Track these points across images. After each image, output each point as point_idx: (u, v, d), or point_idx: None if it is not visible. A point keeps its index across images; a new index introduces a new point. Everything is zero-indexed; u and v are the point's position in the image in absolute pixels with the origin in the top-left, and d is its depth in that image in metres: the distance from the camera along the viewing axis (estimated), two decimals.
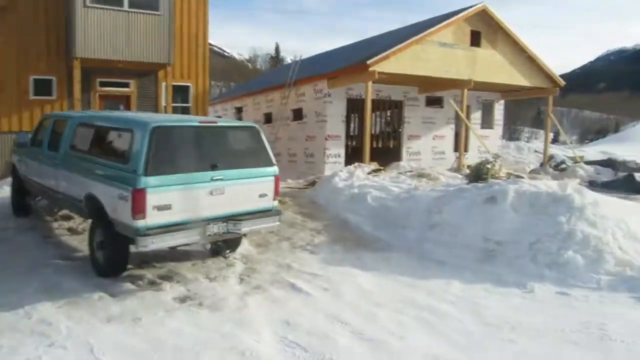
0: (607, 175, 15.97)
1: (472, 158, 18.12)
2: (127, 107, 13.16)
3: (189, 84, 13.76)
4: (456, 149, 17.64)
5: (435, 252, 6.73)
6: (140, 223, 4.85)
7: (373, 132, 19.68)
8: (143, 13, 11.48)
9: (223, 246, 5.97)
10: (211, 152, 5.43)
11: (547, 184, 7.27)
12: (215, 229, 5.37)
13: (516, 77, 17.17)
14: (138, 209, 4.82)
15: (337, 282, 5.68)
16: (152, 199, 4.87)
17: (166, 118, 5.77)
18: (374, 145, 19.42)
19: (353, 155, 16.59)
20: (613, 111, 76.05)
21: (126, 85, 13.08)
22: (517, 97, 21.17)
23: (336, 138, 15.73)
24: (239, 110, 22.01)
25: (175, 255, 6.25)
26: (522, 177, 13.61)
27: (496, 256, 6.22)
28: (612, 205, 7.07)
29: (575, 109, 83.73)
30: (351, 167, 12.60)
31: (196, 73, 13.73)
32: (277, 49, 66.93)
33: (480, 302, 5.18)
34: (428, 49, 14.78)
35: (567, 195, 6.62)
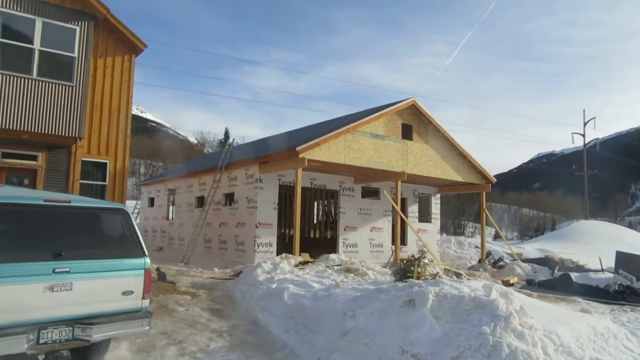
0: (544, 273, 15.72)
1: (410, 252, 17.53)
2: (32, 182, 11.84)
3: (106, 161, 12.69)
4: (394, 241, 17.08)
5: None
6: None
7: (311, 221, 18.96)
8: (54, 82, 10.63)
9: (72, 358, 4.69)
10: (57, 238, 4.37)
11: (472, 286, 6.53)
12: (54, 335, 4.17)
13: (449, 172, 17.24)
14: None
15: None
16: None
17: (2, 193, 4.69)
18: (311, 235, 18.61)
19: (287, 245, 15.64)
20: (548, 209, 79.65)
21: (34, 158, 11.84)
22: (452, 192, 21.31)
23: (267, 226, 14.83)
24: (172, 192, 20.91)
25: None
26: (460, 274, 13.05)
27: None
28: (541, 312, 6.37)
29: (515, 206, 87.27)
30: (277, 259, 11.63)
31: (115, 150, 12.74)
32: (226, 134, 67.58)
33: None
34: (360, 139, 14.62)
35: (491, 301, 5.87)
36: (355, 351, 5.86)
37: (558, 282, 14.01)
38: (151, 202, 22.74)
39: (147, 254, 4.93)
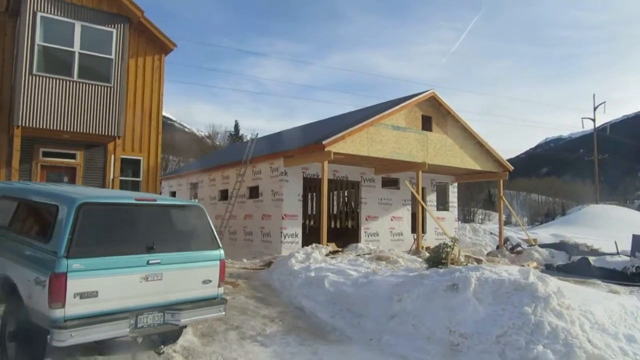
0: (561, 258, 16.12)
1: (429, 240, 18.03)
2: (72, 180, 12.38)
3: (140, 158, 13.20)
4: (414, 230, 17.54)
5: (396, 345, 6.16)
6: (58, 313, 4.13)
7: (331, 212, 19.42)
8: (93, 84, 11.10)
9: (157, 340, 5.20)
10: (148, 232, 4.85)
11: (509, 271, 6.99)
12: (149, 320, 4.68)
13: (467, 161, 17.63)
14: (56, 296, 4.12)
15: None
16: (74, 285, 4.20)
17: (98, 194, 5.19)
18: (332, 226, 19.09)
19: (310, 235, 16.14)
20: (557, 195, 79.80)
21: (72, 156, 12.38)
22: (470, 180, 21.70)
23: (293, 217, 15.31)
24: (195, 186, 21.43)
25: (102, 348, 5.40)
26: (480, 260, 13.48)
27: (462, 350, 5.72)
28: (575, 293, 6.83)
29: (524, 192, 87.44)
30: (308, 249, 12.10)
31: (148, 147, 13.24)
32: (236, 127, 67.80)
33: None
34: (382, 132, 15.03)
35: (530, 284, 6.33)
36: (404, 332, 6.36)
37: (576, 266, 14.38)
38: (173, 195, 23.29)
39: (220, 246, 5.42)
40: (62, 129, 10.98)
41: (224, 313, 5.35)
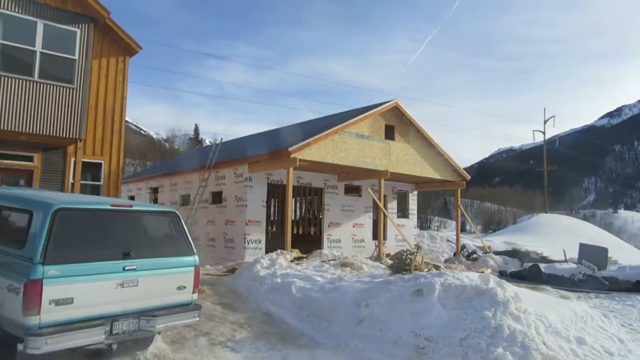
0: (514, 265, 16.89)
1: (390, 246, 18.43)
2: (29, 183, 11.96)
3: (101, 161, 12.90)
4: (375, 237, 17.90)
5: (364, 349, 6.36)
6: (33, 320, 4.09)
7: (293, 218, 19.51)
8: (55, 84, 10.80)
9: (132, 347, 5.18)
10: (124, 238, 4.86)
11: (470, 277, 7.35)
12: (124, 326, 4.68)
13: (428, 170, 18.21)
14: (31, 303, 4.08)
15: None
16: (50, 291, 4.16)
17: (73, 199, 5.14)
18: (295, 232, 19.18)
19: (273, 241, 16.17)
20: (509, 204, 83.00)
21: (29, 159, 11.96)
22: (430, 189, 22.35)
23: (257, 223, 15.34)
24: (155, 190, 21.05)
25: (75, 355, 5.33)
26: (439, 267, 13.94)
27: (427, 353, 5.98)
28: (530, 298, 7.25)
29: (477, 201, 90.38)
30: (273, 255, 12.17)
31: (110, 150, 12.95)
32: (196, 130, 66.93)
33: None
34: (347, 140, 15.33)
35: (490, 289, 6.69)
36: (372, 336, 6.57)
37: (528, 273, 15.13)
38: (131, 199, 22.75)
39: (195, 252, 5.47)
40: (20, 130, 10.62)
41: (198, 319, 5.40)
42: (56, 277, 4.20)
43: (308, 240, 17.73)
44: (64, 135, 11.09)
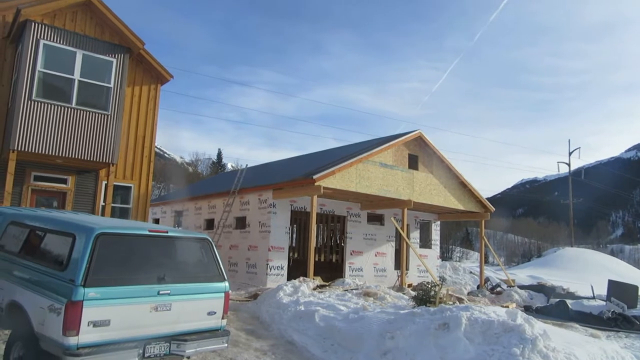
0: (539, 300, 16.49)
1: (412, 277, 18.27)
2: (62, 205, 12.34)
3: (131, 185, 13.27)
4: (397, 266, 17.77)
5: None
6: (72, 340, 4.23)
7: (316, 245, 19.56)
8: (91, 111, 11.27)
9: None
10: (159, 263, 5.01)
11: (496, 312, 7.26)
12: (156, 349, 4.78)
13: (451, 200, 18.12)
14: (71, 324, 4.22)
15: None
16: (89, 313, 4.31)
17: (113, 224, 5.35)
18: (317, 259, 19.21)
19: (294, 268, 16.22)
20: (533, 236, 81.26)
21: (64, 181, 12.40)
22: (452, 219, 22.17)
23: (279, 250, 15.43)
24: (180, 213, 21.38)
25: None
26: (462, 300, 13.73)
27: None
28: (558, 336, 7.11)
29: (500, 232, 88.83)
30: (296, 282, 12.20)
31: (140, 174, 13.34)
32: (219, 155, 67.86)
33: None
34: (370, 168, 15.45)
35: (518, 325, 6.60)
36: None
37: (554, 309, 14.74)
38: (156, 223, 23.13)
39: (226, 278, 5.58)
40: (57, 154, 11.06)
41: (227, 345, 5.47)
42: (95, 299, 4.35)
43: (330, 268, 17.72)
44: (98, 160, 11.49)
